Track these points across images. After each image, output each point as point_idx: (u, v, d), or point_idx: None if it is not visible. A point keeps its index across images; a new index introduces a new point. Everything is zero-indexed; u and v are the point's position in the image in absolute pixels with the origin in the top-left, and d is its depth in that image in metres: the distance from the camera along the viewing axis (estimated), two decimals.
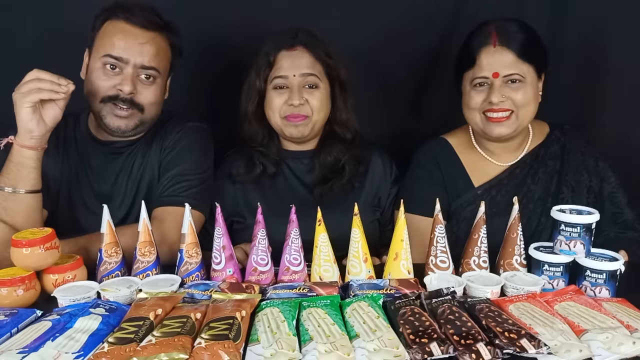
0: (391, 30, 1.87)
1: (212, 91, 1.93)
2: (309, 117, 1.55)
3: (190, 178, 1.54)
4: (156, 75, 1.50)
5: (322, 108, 1.56)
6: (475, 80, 1.48)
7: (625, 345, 0.91)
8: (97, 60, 1.47)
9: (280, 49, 1.55)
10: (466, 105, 1.52)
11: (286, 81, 1.54)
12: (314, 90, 1.55)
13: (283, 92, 1.55)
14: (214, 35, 1.85)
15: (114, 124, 1.49)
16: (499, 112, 1.46)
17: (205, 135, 1.64)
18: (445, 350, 0.89)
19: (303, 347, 0.92)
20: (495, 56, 1.45)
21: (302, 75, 1.53)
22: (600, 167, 1.57)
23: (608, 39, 1.84)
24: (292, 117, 1.54)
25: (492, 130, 1.48)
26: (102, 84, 1.47)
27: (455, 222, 1.58)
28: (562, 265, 1.19)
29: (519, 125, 1.48)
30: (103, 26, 1.48)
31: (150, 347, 0.88)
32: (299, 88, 1.53)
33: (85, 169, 1.58)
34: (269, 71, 1.56)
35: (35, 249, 1.16)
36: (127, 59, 1.45)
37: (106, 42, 1.46)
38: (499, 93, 1.44)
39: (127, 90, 1.46)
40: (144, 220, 1.25)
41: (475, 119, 1.51)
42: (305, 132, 1.57)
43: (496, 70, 1.44)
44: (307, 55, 1.55)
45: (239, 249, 1.43)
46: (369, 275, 1.23)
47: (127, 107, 1.48)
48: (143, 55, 1.46)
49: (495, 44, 1.45)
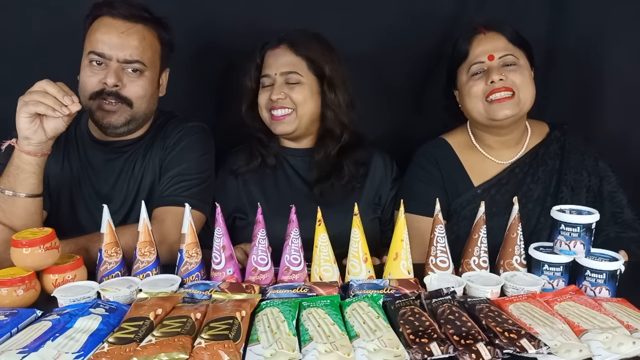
0: (391, 31, 1.87)
1: (213, 91, 1.93)
2: (294, 110, 1.57)
3: (191, 178, 1.54)
4: (142, 69, 1.49)
5: (305, 101, 1.57)
6: (472, 68, 1.49)
7: (625, 345, 0.91)
8: (85, 58, 1.47)
9: (266, 50, 1.60)
10: (467, 95, 1.52)
11: (269, 79, 1.58)
12: (295, 86, 1.56)
13: (267, 89, 1.58)
14: (214, 35, 1.86)
15: (104, 119, 1.49)
16: (501, 90, 1.46)
17: (207, 136, 1.64)
18: (445, 350, 0.89)
19: (303, 347, 0.92)
20: (487, 41, 1.49)
21: (282, 73, 1.56)
22: (599, 167, 1.57)
23: (607, 39, 1.84)
24: (275, 109, 1.57)
25: (497, 113, 1.47)
26: (88, 81, 1.47)
27: (455, 222, 1.58)
28: (562, 265, 1.19)
29: (521, 108, 1.48)
30: (91, 25, 1.49)
31: (150, 347, 0.88)
32: (280, 84, 1.56)
33: (86, 169, 1.58)
34: (258, 72, 1.61)
35: (35, 249, 1.16)
36: (109, 54, 1.44)
37: (91, 39, 1.46)
38: (498, 72, 1.45)
39: (111, 83, 1.45)
40: (144, 220, 1.25)
41: (478, 108, 1.50)
42: (290, 128, 1.58)
43: (490, 53, 1.47)
44: (289, 53, 1.57)
45: (239, 249, 1.43)
46: (369, 275, 1.23)
47: (114, 100, 1.47)
48: (125, 49, 1.45)
49: (485, 32, 1.49)
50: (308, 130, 1.63)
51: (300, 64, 1.56)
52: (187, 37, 1.64)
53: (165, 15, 1.55)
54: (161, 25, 1.54)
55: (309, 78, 1.57)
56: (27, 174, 1.34)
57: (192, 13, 1.80)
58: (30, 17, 1.78)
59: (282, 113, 1.57)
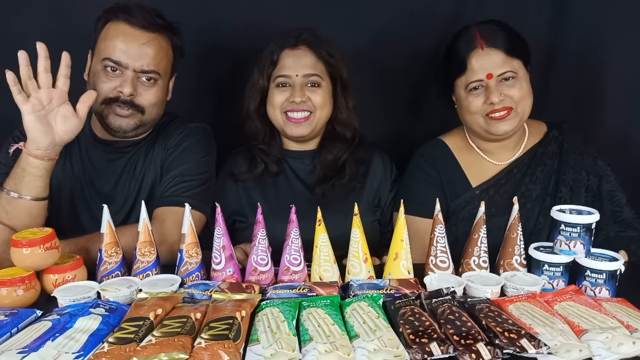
0: (391, 30, 1.87)
1: (215, 93, 1.93)
2: (312, 113, 1.56)
3: (192, 179, 1.54)
4: (157, 78, 1.50)
5: (324, 105, 1.57)
6: (470, 85, 1.48)
7: (625, 345, 0.91)
8: (98, 63, 1.47)
9: (283, 48, 1.57)
10: (466, 110, 1.52)
11: (289, 80, 1.55)
12: (316, 89, 1.56)
13: (285, 89, 1.56)
14: (217, 36, 1.86)
15: (115, 123, 1.50)
16: (501, 111, 1.46)
17: (208, 137, 1.65)
18: (445, 350, 0.89)
19: (303, 347, 0.92)
20: (485, 58, 1.46)
21: (304, 75, 1.55)
22: (598, 166, 1.57)
23: (607, 39, 1.84)
24: (294, 111, 1.55)
25: (498, 129, 1.48)
26: (103, 86, 1.47)
27: (453, 223, 1.58)
28: (562, 265, 1.19)
29: (520, 120, 1.50)
30: (104, 28, 1.48)
31: (150, 347, 0.88)
32: (301, 87, 1.55)
33: (87, 169, 1.58)
34: (272, 70, 1.58)
35: (35, 249, 1.16)
36: (126, 63, 1.45)
37: (107, 45, 1.46)
38: (497, 92, 1.45)
39: (127, 92, 1.46)
40: (144, 220, 1.25)
41: (478, 122, 1.51)
42: (306, 131, 1.58)
43: (489, 71, 1.45)
44: (310, 55, 1.56)
45: (238, 249, 1.43)
46: (369, 275, 1.23)
47: (128, 107, 1.48)
48: (143, 59, 1.46)
49: (483, 46, 1.46)
50: (318, 132, 1.64)
51: (320, 66, 1.57)
52: (191, 39, 1.64)
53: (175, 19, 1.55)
54: (174, 32, 1.55)
55: (326, 81, 1.58)
56: (32, 176, 1.34)
57: (195, 14, 1.80)
58: (30, 18, 1.78)
59: (302, 116, 1.56)
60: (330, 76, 1.59)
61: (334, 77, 1.59)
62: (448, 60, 1.55)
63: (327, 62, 1.57)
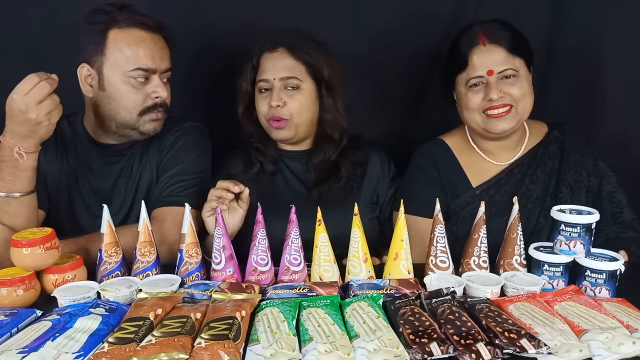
0: (390, 30, 1.86)
1: (209, 93, 1.92)
2: (289, 120, 1.55)
3: (189, 178, 1.54)
4: (170, 76, 1.53)
5: (302, 110, 1.55)
6: (471, 81, 1.48)
7: (625, 345, 0.91)
8: (122, 75, 1.44)
9: (263, 52, 1.57)
10: (465, 107, 1.52)
11: (268, 84, 1.55)
12: (294, 92, 1.54)
13: (266, 95, 1.56)
14: (211, 36, 1.85)
15: (150, 127, 1.51)
16: (499, 107, 1.46)
17: (203, 136, 1.65)
18: (445, 350, 0.89)
19: (303, 347, 0.92)
20: (487, 54, 1.46)
21: (281, 78, 1.53)
22: (599, 167, 1.57)
23: (607, 38, 1.83)
24: (274, 120, 1.55)
25: (495, 127, 1.48)
26: (136, 97, 1.46)
27: (454, 223, 1.58)
28: (562, 265, 1.19)
29: (519, 119, 1.49)
30: (110, 37, 1.43)
31: (150, 347, 0.88)
32: (279, 90, 1.53)
33: (84, 171, 1.57)
34: (254, 74, 1.58)
35: (35, 249, 1.16)
36: (154, 68, 1.46)
37: (129, 55, 1.43)
38: (497, 89, 1.45)
39: (165, 96, 1.49)
40: (144, 220, 1.25)
41: (476, 120, 1.51)
42: (288, 135, 1.58)
43: (490, 67, 1.45)
44: (288, 57, 1.54)
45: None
46: (369, 275, 1.23)
47: (162, 110, 1.51)
48: (164, 60, 1.49)
49: (485, 42, 1.46)
50: (307, 134, 1.63)
51: (299, 68, 1.54)
52: (185, 39, 1.63)
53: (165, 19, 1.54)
54: (168, 31, 1.54)
55: (307, 83, 1.56)
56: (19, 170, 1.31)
57: (191, 15, 1.79)
58: (30, 18, 1.78)
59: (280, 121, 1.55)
60: (313, 77, 1.56)
61: (317, 78, 1.57)
62: (450, 57, 1.55)
63: (306, 63, 1.55)
